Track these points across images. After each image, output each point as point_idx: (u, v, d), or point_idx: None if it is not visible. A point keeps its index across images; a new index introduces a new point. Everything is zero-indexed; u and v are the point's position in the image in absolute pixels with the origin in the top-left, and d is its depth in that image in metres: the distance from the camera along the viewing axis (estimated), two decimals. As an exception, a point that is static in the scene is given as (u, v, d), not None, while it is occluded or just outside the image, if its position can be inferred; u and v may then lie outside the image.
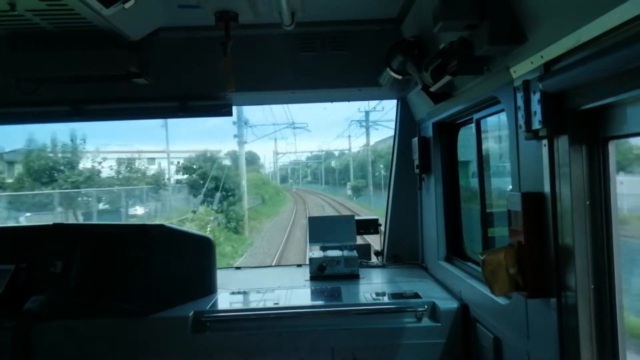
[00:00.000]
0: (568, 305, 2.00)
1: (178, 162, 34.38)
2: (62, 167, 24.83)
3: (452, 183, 3.83)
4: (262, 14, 3.19)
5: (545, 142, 2.06)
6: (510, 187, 2.50)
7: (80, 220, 20.94)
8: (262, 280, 4.08)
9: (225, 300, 3.52)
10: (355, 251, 4.19)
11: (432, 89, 3.10)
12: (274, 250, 19.50)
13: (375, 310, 3.27)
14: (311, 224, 4.39)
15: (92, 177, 25.81)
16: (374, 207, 34.02)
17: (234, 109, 4.31)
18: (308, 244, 4.49)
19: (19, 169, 26.00)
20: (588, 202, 1.95)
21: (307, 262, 4.21)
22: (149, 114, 4.24)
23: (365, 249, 4.60)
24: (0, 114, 4.06)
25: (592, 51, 1.66)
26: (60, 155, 25.33)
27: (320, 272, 4.02)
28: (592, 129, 1.93)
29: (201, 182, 28.91)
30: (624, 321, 1.90)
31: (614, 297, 1.91)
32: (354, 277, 4.02)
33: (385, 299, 3.37)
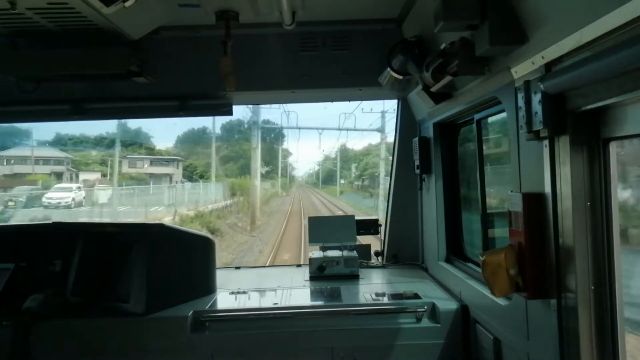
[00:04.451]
0: (568, 306, 2.00)
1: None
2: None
3: (452, 183, 3.82)
4: (263, 13, 3.19)
5: (546, 142, 2.06)
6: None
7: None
8: (262, 280, 4.08)
9: (225, 300, 3.52)
10: (355, 251, 4.19)
11: (433, 89, 3.09)
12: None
13: (375, 310, 3.27)
14: (311, 224, 4.38)
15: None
16: None
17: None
18: (308, 244, 4.47)
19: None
20: (589, 203, 1.94)
21: (307, 262, 4.20)
22: (149, 112, 4.24)
23: (365, 250, 4.59)
24: (0, 113, 4.06)
25: (593, 52, 1.66)
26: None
27: (319, 272, 4.01)
28: (593, 129, 1.93)
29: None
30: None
31: (614, 299, 1.90)
32: (354, 278, 4.01)
33: (385, 300, 3.37)
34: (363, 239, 4.86)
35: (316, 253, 4.22)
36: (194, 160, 57.72)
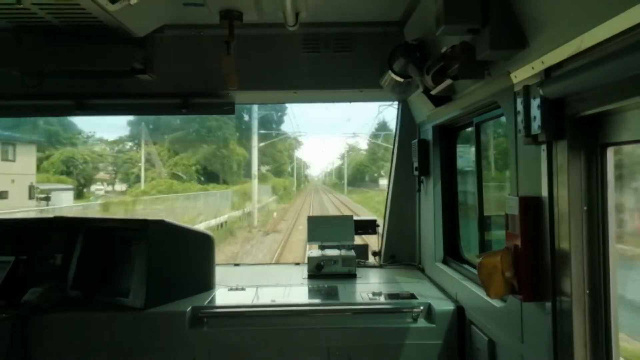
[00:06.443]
0: (563, 309, 2.02)
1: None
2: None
3: (450, 186, 3.85)
4: (267, 13, 3.20)
5: (544, 147, 2.08)
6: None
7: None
8: (260, 277, 4.10)
9: (223, 296, 3.54)
10: (353, 251, 4.21)
11: (433, 92, 3.11)
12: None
13: (371, 309, 3.29)
14: (310, 224, 4.41)
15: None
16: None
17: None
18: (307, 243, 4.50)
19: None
20: (585, 208, 1.96)
21: (305, 261, 4.23)
22: (152, 110, 4.26)
23: (363, 249, 4.61)
24: (4, 107, 4.08)
25: (593, 58, 1.68)
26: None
27: (317, 271, 4.04)
28: (591, 135, 1.95)
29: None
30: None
31: (609, 303, 1.92)
32: (351, 277, 4.03)
33: (382, 299, 3.39)
34: (363, 239, 4.89)
35: (314, 252, 4.24)
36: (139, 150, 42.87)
